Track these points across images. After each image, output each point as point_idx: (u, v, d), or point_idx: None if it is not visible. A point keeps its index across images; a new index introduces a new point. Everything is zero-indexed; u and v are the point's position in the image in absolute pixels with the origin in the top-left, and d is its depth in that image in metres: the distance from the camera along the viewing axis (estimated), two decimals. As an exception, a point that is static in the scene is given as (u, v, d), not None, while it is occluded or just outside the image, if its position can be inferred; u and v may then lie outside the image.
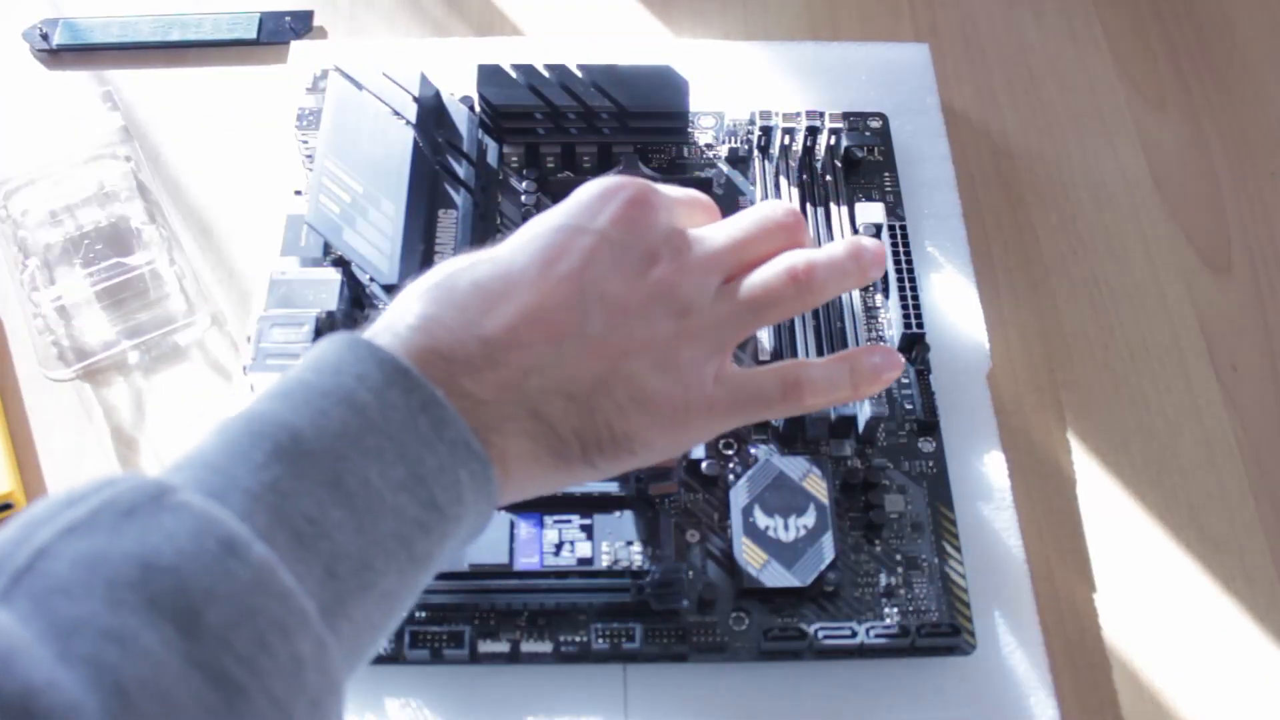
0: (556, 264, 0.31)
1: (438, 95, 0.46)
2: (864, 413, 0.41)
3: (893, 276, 0.45)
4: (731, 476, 0.41)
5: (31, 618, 0.21)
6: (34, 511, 0.23)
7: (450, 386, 0.29)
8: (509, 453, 0.30)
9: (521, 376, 0.30)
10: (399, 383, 0.28)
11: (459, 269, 0.31)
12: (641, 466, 0.33)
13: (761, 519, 0.39)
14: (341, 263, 0.43)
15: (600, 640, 0.37)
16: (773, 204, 0.35)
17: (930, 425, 0.42)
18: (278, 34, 0.54)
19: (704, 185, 0.47)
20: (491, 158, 0.47)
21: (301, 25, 0.55)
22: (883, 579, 0.39)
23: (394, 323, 0.30)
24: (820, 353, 0.43)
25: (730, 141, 0.49)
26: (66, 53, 0.54)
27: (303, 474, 0.26)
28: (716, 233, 0.34)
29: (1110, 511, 0.43)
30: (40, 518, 0.23)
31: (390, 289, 0.43)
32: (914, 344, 0.43)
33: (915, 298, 0.44)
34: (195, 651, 0.22)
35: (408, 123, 0.44)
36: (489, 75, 0.46)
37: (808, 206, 0.47)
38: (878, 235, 0.46)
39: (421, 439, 0.28)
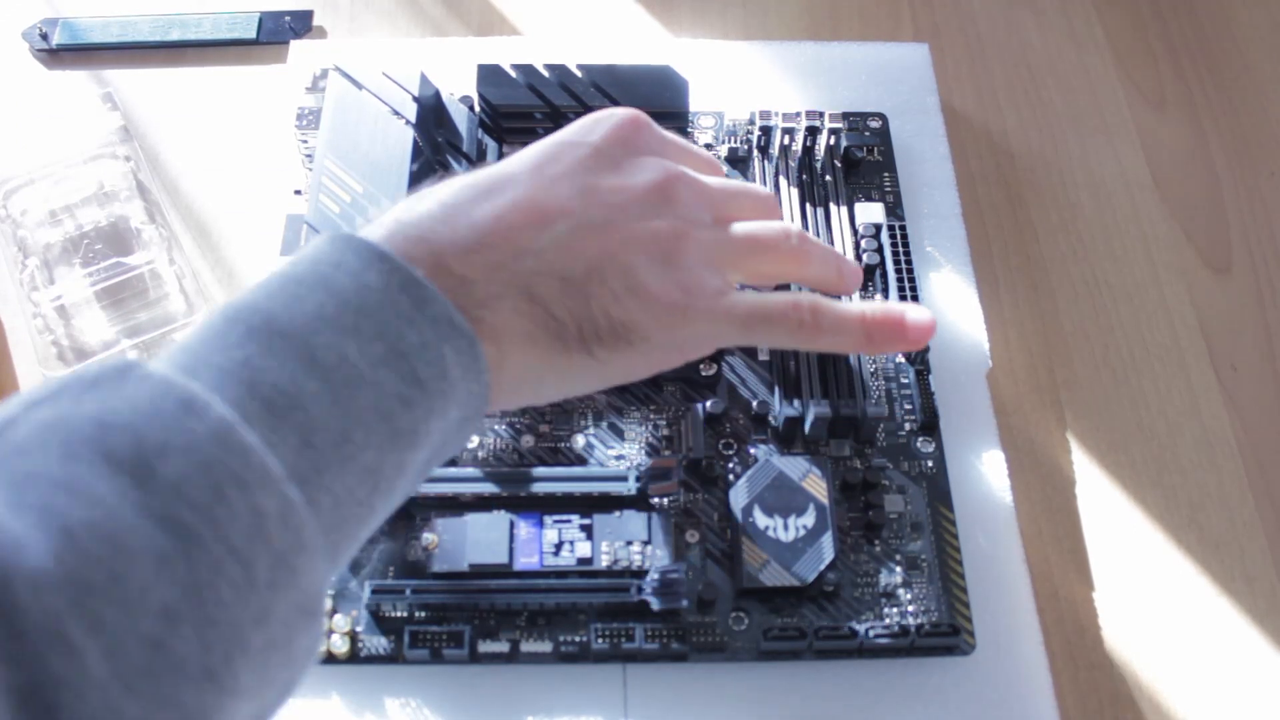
0: (550, 166, 0.32)
1: (438, 95, 0.46)
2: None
3: (892, 276, 0.45)
4: (731, 476, 0.41)
5: None
6: (8, 398, 0.24)
7: (435, 268, 0.29)
8: (502, 330, 0.30)
9: (512, 257, 0.30)
10: (376, 265, 0.28)
11: (452, 178, 0.32)
12: (644, 370, 0.33)
13: (761, 519, 0.39)
14: (341, 262, 0.43)
15: (600, 640, 0.37)
16: (753, 185, 0.38)
17: (930, 425, 0.42)
18: (277, 34, 0.54)
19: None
20: (491, 158, 0.47)
21: (301, 25, 0.55)
22: (883, 579, 0.39)
23: (382, 220, 0.30)
24: (820, 354, 0.42)
25: (730, 141, 0.49)
26: (66, 52, 0.54)
27: (275, 350, 0.26)
28: (707, 177, 0.36)
29: (1110, 511, 0.43)
30: (12, 400, 0.24)
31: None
32: (914, 344, 0.43)
33: (915, 298, 0.44)
34: (148, 501, 0.22)
35: (408, 123, 0.44)
36: (489, 75, 0.46)
37: (807, 206, 0.47)
38: (877, 235, 0.46)
39: (401, 316, 0.27)
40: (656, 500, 0.40)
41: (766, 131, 0.48)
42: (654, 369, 0.33)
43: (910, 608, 0.39)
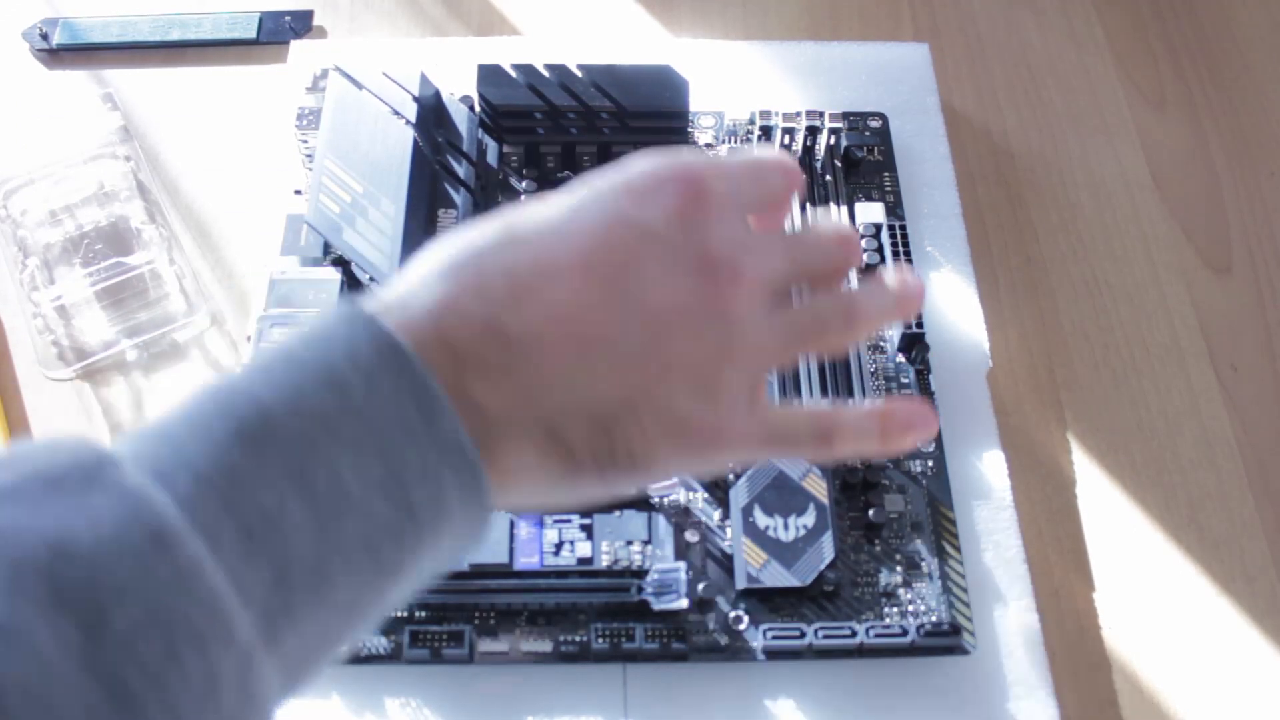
0: (599, 261, 0.27)
1: (438, 95, 0.46)
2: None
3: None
4: (731, 476, 0.41)
5: None
6: None
7: (456, 388, 0.26)
8: (512, 464, 0.27)
9: (540, 388, 0.27)
10: (394, 366, 0.25)
11: (488, 246, 0.28)
12: (651, 483, 0.31)
13: (761, 519, 0.39)
14: (341, 262, 0.43)
15: (600, 640, 0.37)
16: (836, 224, 0.32)
17: (930, 425, 0.42)
18: (277, 34, 0.54)
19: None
20: (491, 158, 0.47)
21: (301, 25, 0.55)
22: (882, 579, 0.39)
23: (406, 298, 0.27)
24: (821, 355, 0.42)
25: (730, 141, 0.49)
26: (66, 52, 0.54)
27: (265, 460, 0.23)
28: (775, 242, 0.30)
29: (1110, 511, 0.43)
30: None
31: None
32: (914, 344, 0.43)
33: (915, 298, 0.44)
34: (95, 655, 0.20)
35: (408, 123, 0.44)
36: (489, 75, 0.46)
37: (808, 206, 0.47)
38: (877, 235, 0.46)
39: (408, 433, 0.25)
40: (657, 500, 0.40)
41: (766, 131, 0.48)
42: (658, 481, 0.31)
43: (910, 608, 0.39)
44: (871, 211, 0.47)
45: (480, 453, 0.26)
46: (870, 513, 0.40)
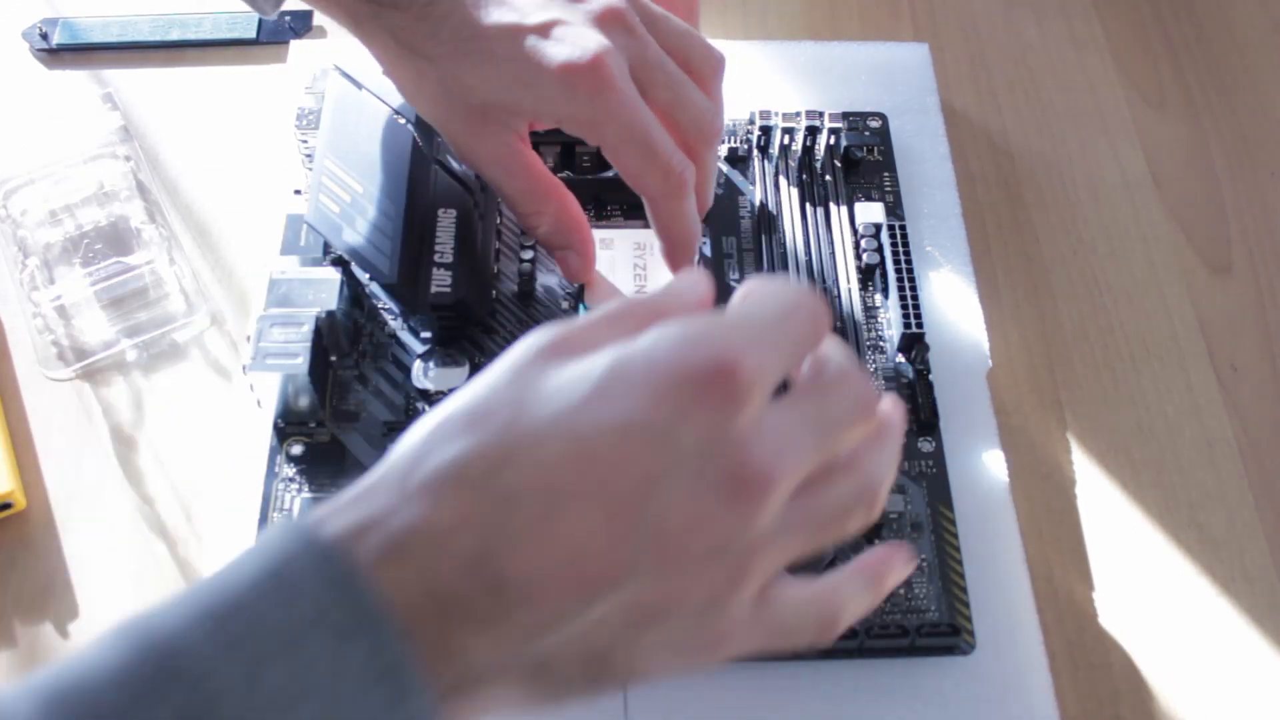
0: (614, 488, 0.24)
1: (437, 95, 0.46)
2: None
3: (892, 276, 0.45)
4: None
5: None
6: None
7: (436, 639, 0.23)
8: (491, 701, 0.25)
9: (530, 634, 0.24)
10: (365, 635, 0.22)
11: (487, 451, 0.24)
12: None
13: (761, 519, 0.39)
14: (341, 262, 0.43)
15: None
16: (863, 390, 0.28)
17: (930, 425, 0.42)
18: (277, 34, 0.54)
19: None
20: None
21: (301, 25, 0.55)
22: (883, 579, 0.39)
23: (385, 514, 0.23)
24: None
25: (730, 141, 0.49)
26: (66, 52, 0.54)
27: None
28: (808, 433, 0.26)
29: (1110, 511, 0.43)
30: None
31: (390, 289, 0.43)
32: (914, 344, 0.43)
33: (915, 298, 0.44)
34: None
35: (408, 122, 0.44)
36: (489, 75, 0.46)
37: (807, 207, 0.47)
38: (877, 235, 0.46)
39: (367, 714, 0.22)
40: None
41: (766, 131, 0.48)
42: None
43: (910, 608, 0.39)
44: (871, 212, 0.47)
45: (457, 695, 0.23)
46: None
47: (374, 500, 0.23)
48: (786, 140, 0.48)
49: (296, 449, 0.41)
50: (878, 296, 0.46)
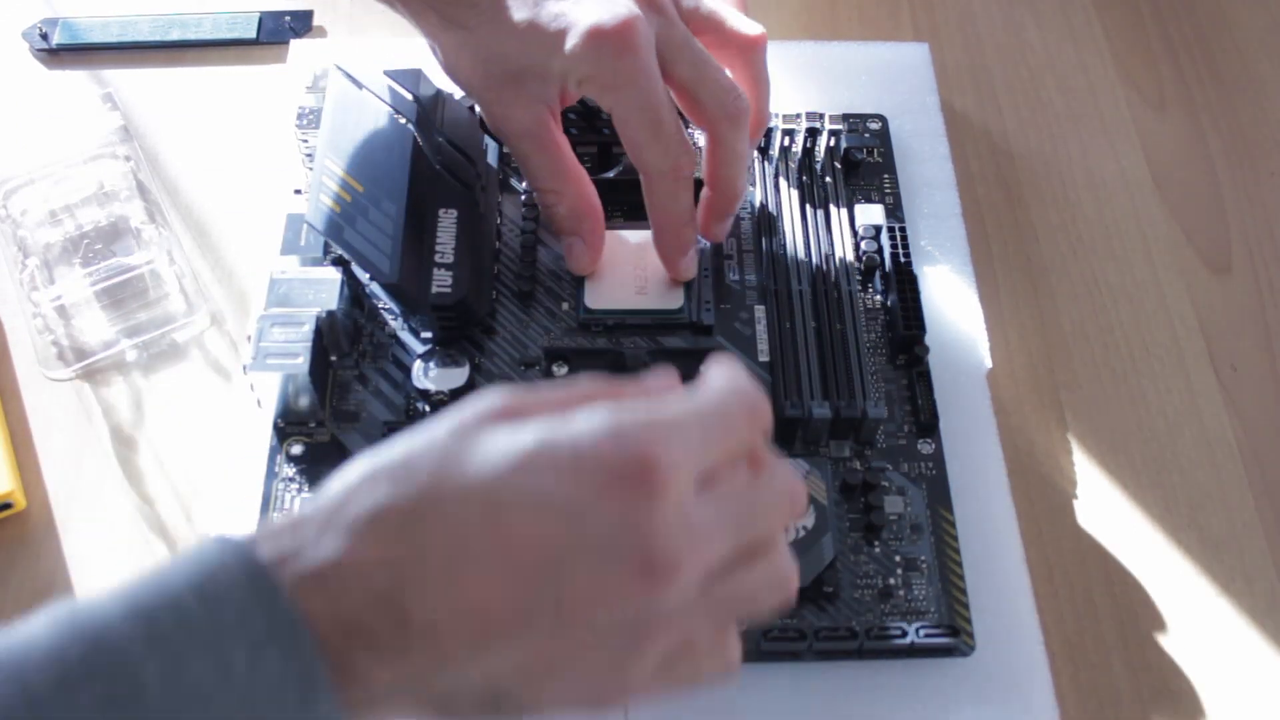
0: (522, 558, 0.25)
1: (438, 95, 0.46)
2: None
3: (892, 277, 0.45)
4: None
5: None
6: None
7: (342, 659, 0.24)
8: (397, 717, 0.26)
9: (429, 671, 0.25)
10: (282, 643, 0.23)
11: (407, 503, 0.25)
12: None
13: (761, 519, 0.39)
14: (341, 262, 0.43)
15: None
16: (792, 482, 0.30)
17: (930, 426, 0.42)
18: (277, 33, 0.54)
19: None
20: (491, 158, 0.47)
21: (301, 25, 0.55)
22: (882, 580, 0.39)
23: (312, 552, 0.25)
24: (820, 356, 0.42)
25: (730, 141, 0.49)
26: (66, 52, 0.54)
27: None
28: (727, 524, 0.28)
29: (1110, 511, 0.43)
30: None
31: (390, 289, 0.43)
32: (913, 344, 0.43)
33: (915, 298, 0.44)
34: None
35: (408, 122, 0.44)
36: (489, 75, 0.46)
37: (807, 208, 0.47)
38: (877, 237, 0.46)
39: (283, 713, 0.23)
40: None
41: (766, 133, 0.48)
42: None
43: (910, 609, 0.39)
44: (871, 213, 0.47)
45: (361, 712, 0.25)
46: (870, 514, 0.40)
47: (302, 532, 0.25)
48: (786, 142, 0.48)
49: (296, 449, 0.41)
50: (877, 297, 0.46)
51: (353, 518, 0.25)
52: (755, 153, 0.48)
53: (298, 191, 0.46)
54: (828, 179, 0.47)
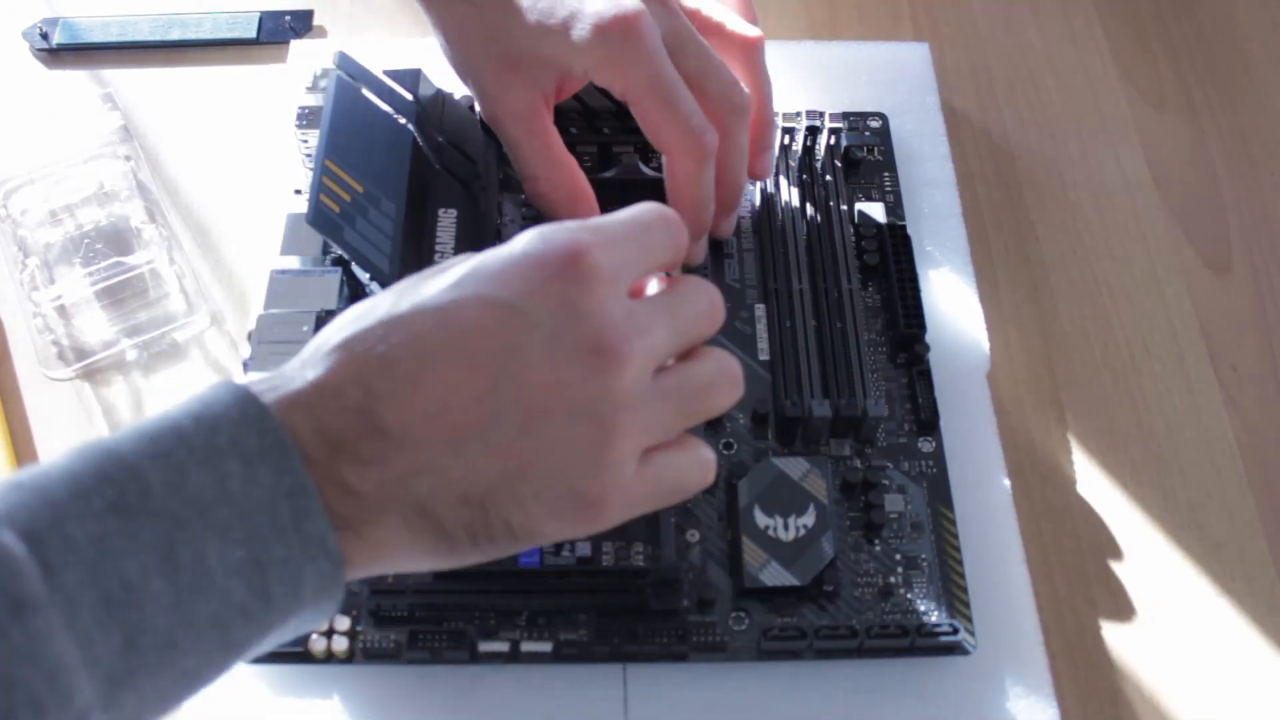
0: (477, 348, 0.27)
1: (438, 95, 0.46)
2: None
3: (893, 276, 0.45)
4: (732, 477, 0.41)
5: None
6: None
7: (329, 473, 0.26)
8: (383, 541, 0.28)
9: (411, 475, 0.27)
10: (273, 459, 0.26)
11: (370, 328, 0.28)
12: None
13: (761, 519, 0.39)
14: (341, 262, 0.43)
15: (600, 640, 0.37)
16: (707, 287, 0.32)
17: (930, 425, 0.42)
18: (277, 33, 0.54)
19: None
20: (491, 158, 0.47)
21: (301, 25, 0.55)
22: (882, 579, 0.39)
23: (289, 375, 0.27)
24: (820, 355, 0.42)
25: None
26: (66, 52, 0.54)
27: (137, 533, 0.24)
28: (654, 311, 0.30)
29: (1110, 511, 0.43)
30: None
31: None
32: (913, 344, 0.43)
33: (915, 298, 0.44)
34: None
35: (408, 122, 0.44)
36: (489, 75, 0.46)
37: (808, 207, 0.47)
38: (877, 235, 0.46)
39: (276, 526, 0.26)
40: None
41: (766, 131, 0.48)
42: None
43: (910, 608, 0.39)
44: (872, 211, 0.47)
45: (348, 531, 0.27)
46: (870, 513, 0.40)
47: (286, 370, 0.28)
48: (787, 140, 0.48)
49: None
50: (878, 297, 0.46)
51: (324, 349, 0.28)
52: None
53: (298, 191, 0.46)
54: (828, 177, 0.47)
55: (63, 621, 0.23)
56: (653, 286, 0.33)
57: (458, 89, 0.48)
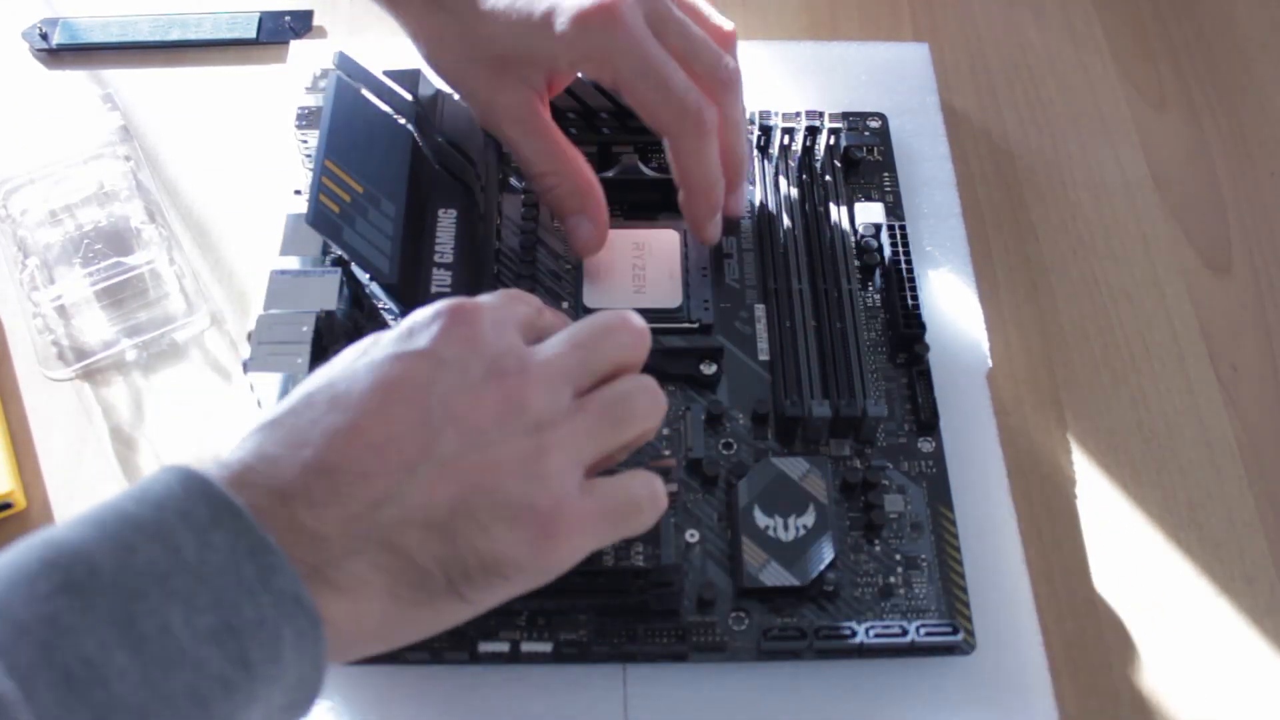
0: (396, 392, 0.29)
1: (437, 95, 0.46)
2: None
3: (892, 277, 0.45)
4: (731, 476, 0.41)
5: None
6: None
7: (288, 524, 0.27)
8: (358, 588, 0.28)
9: (370, 509, 0.28)
10: (227, 523, 0.25)
11: (296, 399, 0.29)
12: (520, 593, 0.31)
13: (761, 519, 0.39)
14: (341, 262, 0.43)
15: (600, 640, 0.37)
16: (612, 313, 0.34)
17: (930, 425, 0.42)
18: (277, 34, 0.54)
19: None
20: (491, 158, 0.47)
21: (301, 25, 0.55)
22: (882, 579, 0.39)
23: (229, 459, 0.28)
24: (820, 355, 0.42)
25: (730, 141, 0.49)
26: (66, 52, 0.54)
27: (89, 609, 0.23)
28: (556, 342, 0.33)
29: (1110, 511, 0.43)
30: None
31: (390, 289, 0.43)
32: (913, 344, 0.43)
33: (915, 298, 0.44)
34: None
35: (408, 122, 0.44)
36: (489, 75, 0.46)
37: (807, 207, 0.47)
38: (877, 235, 0.46)
39: (243, 586, 0.25)
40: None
41: (766, 131, 0.48)
42: (527, 590, 0.31)
43: (910, 608, 0.39)
44: (871, 212, 0.47)
45: (321, 583, 0.27)
46: (870, 513, 0.40)
47: (218, 455, 0.28)
48: (786, 140, 0.48)
49: (296, 449, 0.41)
50: (877, 296, 0.46)
51: (254, 428, 0.29)
52: (756, 151, 0.48)
53: (298, 192, 0.46)
54: (827, 177, 0.47)
55: (21, 697, 0.22)
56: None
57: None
